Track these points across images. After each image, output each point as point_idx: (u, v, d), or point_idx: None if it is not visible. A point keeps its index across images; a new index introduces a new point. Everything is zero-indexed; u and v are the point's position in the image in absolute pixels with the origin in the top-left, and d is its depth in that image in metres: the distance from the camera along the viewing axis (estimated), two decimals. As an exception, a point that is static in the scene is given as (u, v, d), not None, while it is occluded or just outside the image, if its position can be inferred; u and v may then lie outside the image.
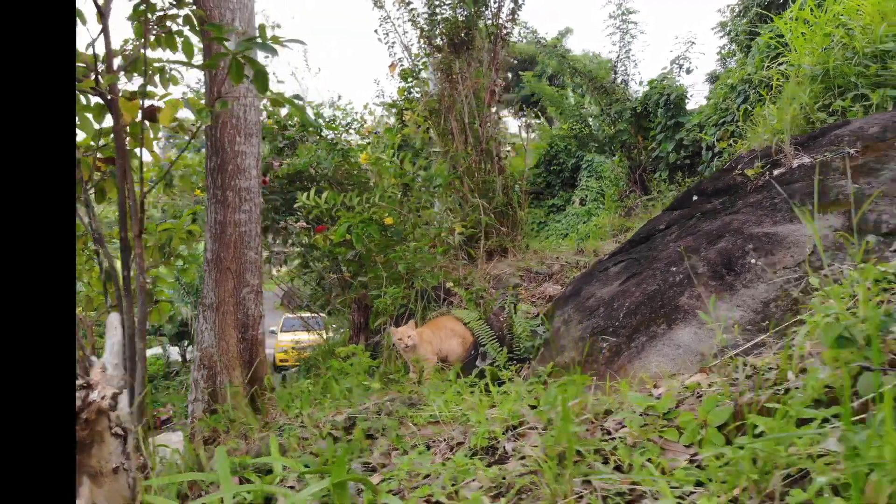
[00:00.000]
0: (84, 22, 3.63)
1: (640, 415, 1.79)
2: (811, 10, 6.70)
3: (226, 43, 2.42)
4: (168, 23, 3.46)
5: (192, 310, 17.09)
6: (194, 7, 3.17)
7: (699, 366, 2.34)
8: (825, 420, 1.50)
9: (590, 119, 11.82)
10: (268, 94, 2.54)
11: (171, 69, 5.90)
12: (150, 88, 3.82)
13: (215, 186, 3.07)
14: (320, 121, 6.93)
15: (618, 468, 1.68)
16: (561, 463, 1.76)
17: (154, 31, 3.50)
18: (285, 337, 19.02)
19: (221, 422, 2.87)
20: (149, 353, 17.98)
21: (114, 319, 1.31)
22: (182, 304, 18.01)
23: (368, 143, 7.73)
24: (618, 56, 11.37)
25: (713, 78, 14.50)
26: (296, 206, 5.19)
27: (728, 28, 15.04)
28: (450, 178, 5.64)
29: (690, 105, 10.82)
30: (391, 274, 4.87)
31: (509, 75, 22.10)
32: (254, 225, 3.19)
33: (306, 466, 2.27)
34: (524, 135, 7.69)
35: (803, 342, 1.96)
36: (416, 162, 5.96)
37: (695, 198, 3.42)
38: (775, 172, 3.18)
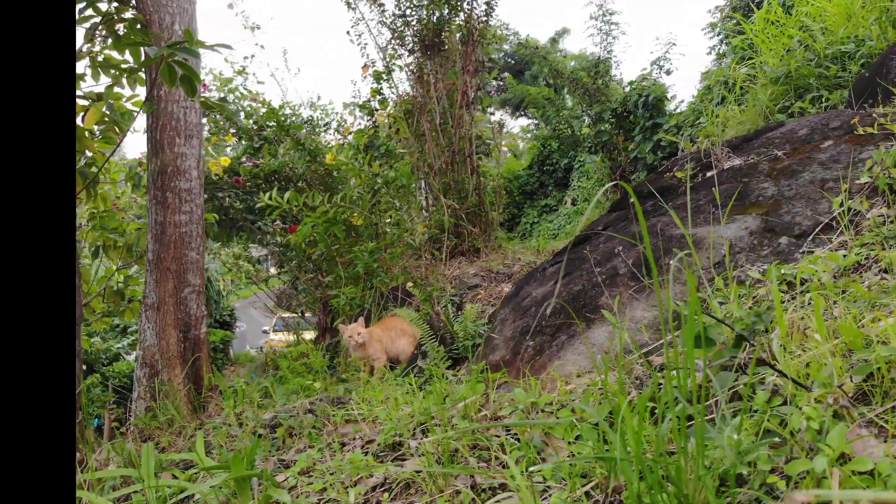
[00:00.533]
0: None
1: (526, 412, 1.85)
2: (776, 12, 6.77)
3: (154, 45, 2.47)
4: (116, 26, 3.51)
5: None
6: (135, 11, 3.22)
7: (611, 364, 2.40)
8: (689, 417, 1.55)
9: (573, 121, 11.88)
10: (197, 98, 2.58)
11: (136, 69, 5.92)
12: (116, 89, 3.88)
13: (155, 188, 3.11)
14: (295, 120, 6.97)
15: (503, 465, 1.73)
16: (452, 460, 1.82)
17: (100, 35, 3.55)
18: (277, 337, 19.12)
19: (157, 419, 2.93)
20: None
21: None
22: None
23: (339, 144, 7.79)
24: (599, 57, 11.40)
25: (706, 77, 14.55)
26: (257, 205, 5.24)
27: (718, 29, 15.12)
28: (414, 179, 5.69)
29: (673, 105, 10.87)
30: (350, 274, 4.92)
31: (506, 75, 22.14)
32: (195, 226, 3.23)
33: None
34: (498, 134, 7.71)
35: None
36: (390, 165, 6.01)
37: (631, 200, 3.47)
38: (707, 174, 3.23)
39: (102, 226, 5.73)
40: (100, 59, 5.81)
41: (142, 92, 6.55)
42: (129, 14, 3.26)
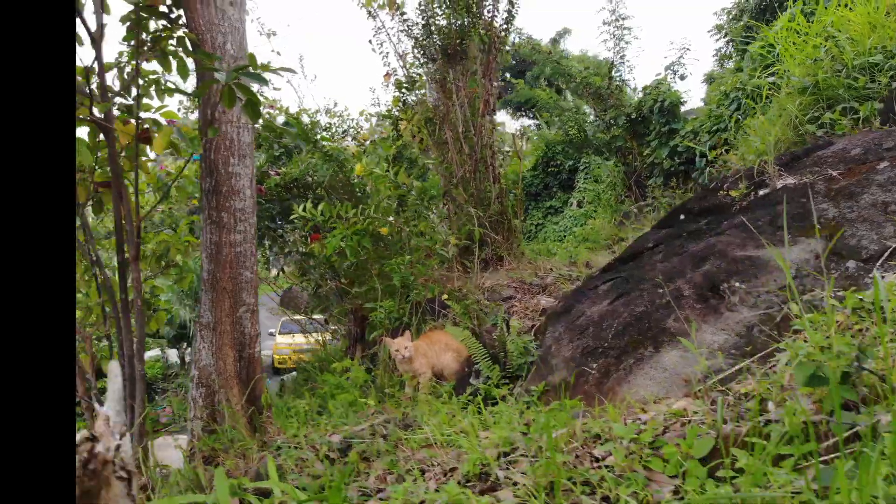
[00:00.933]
0: (80, 44, 3.68)
1: (627, 444, 1.86)
2: (798, 21, 6.79)
3: (217, 67, 2.48)
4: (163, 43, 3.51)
5: (189, 312, 17.15)
6: (186, 30, 3.22)
7: (684, 390, 2.41)
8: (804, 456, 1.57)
9: (585, 125, 11.90)
10: (261, 121, 2.59)
11: (165, 81, 5.95)
12: (145, 101, 3.88)
13: (210, 207, 3.12)
14: (317, 129, 6.98)
15: (605, 499, 1.74)
16: (550, 493, 1.83)
17: (147, 54, 3.55)
18: (283, 339, 19.11)
19: (220, 441, 2.93)
20: (148, 355, 18.05)
21: (114, 367, 1.36)
22: (181, 307, 18.06)
23: (364, 152, 7.80)
24: (612, 62, 11.43)
25: (711, 79, 14.57)
26: (291, 217, 5.25)
27: (724, 31, 15.15)
28: (443, 190, 5.71)
29: (687, 107, 10.88)
30: (385, 286, 4.93)
31: (507, 76, 22.15)
32: (248, 245, 3.24)
33: (303, 490, 2.33)
34: (518, 141, 7.73)
35: (783, 372, 2.02)
36: (410, 173, 6.02)
37: (681, 217, 3.49)
38: (760, 193, 3.24)
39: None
40: (128, 69, 5.81)
41: (170, 103, 6.54)
42: (180, 33, 3.26)
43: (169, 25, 3.36)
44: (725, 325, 2.56)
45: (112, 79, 6.03)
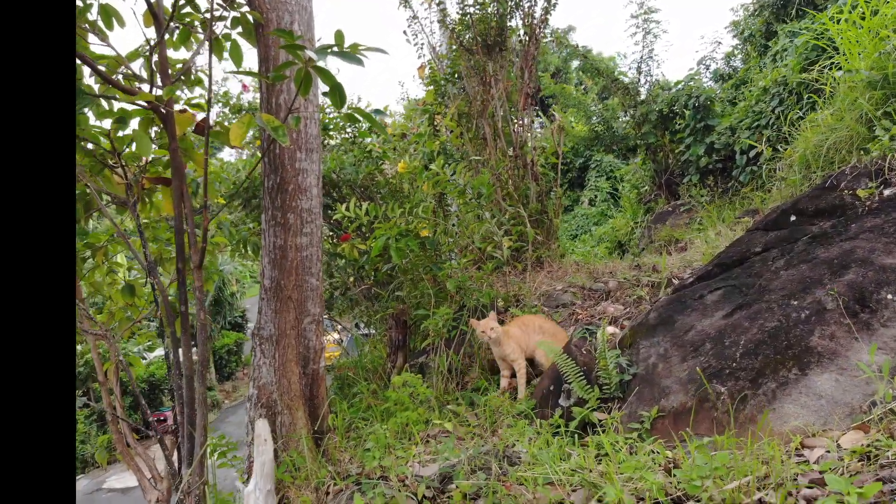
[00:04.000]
0: (122, 24, 3.33)
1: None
2: (858, 12, 6.43)
3: (300, 45, 2.12)
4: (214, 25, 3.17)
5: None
6: (247, 9, 2.87)
7: (849, 420, 2.07)
8: None
9: (612, 122, 11.54)
10: (346, 109, 2.25)
11: (196, 70, 5.56)
12: (177, 93, 3.53)
13: (274, 208, 2.77)
14: (353, 126, 6.62)
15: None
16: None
17: (200, 36, 3.21)
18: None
19: (287, 471, 2.59)
20: (155, 354, 17.66)
21: (262, 428, 1.02)
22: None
23: (394, 149, 7.45)
24: (641, 56, 11.06)
25: (719, 77, 14.16)
26: (334, 217, 4.90)
27: (741, 27, 14.76)
28: (493, 188, 5.36)
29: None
30: (437, 292, 4.59)
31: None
32: (315, 249, 2.89)
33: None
34: (557, 136, 7.39)
35: None
36: (453, 171, 5.68)
37: (793, 218, 3.14)
38: (886, 193, 2.90)
39: (156, 237, 5.42)
40: (154, 59, 5.48)
41: (198, 92, 6.13)
42: (244, 9, 2.91)
43: (226, 3, 3.01)
44: (882, 342, 2.21)
45: (139, 68, 5.65)
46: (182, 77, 3.00)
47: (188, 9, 3.14)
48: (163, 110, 2.37)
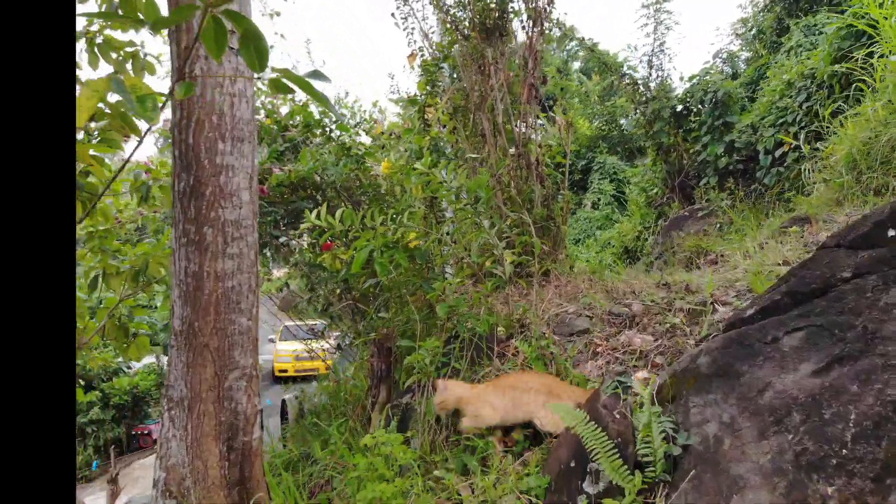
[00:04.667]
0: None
1: None
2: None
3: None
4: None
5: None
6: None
7: None
8: None
9: (620, 119, 10.76)
10: (269, 72, 1.46)
11: (145, 54, 4.73)
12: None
13: (186, 219, 1.97)
14: (328, 119, 5.84)
15: None
16: None
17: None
18: (285, 347, 17.93)
19: None
20: (142, 363, 16.90)
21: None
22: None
23: (382, 147, 6.67)
24: (652, 49, 10.29)
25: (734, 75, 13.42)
26: (303, 226, 4.12)
27: (749, 24, 14.02)
28: (492, 191, 4.56)
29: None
30: (426, 317, 3.80)
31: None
32: (246, 276, 2.09)
33: None
34: (565, 133, 6.61)
35: None
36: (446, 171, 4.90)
37: (892, 233, 2.35)
38: None
39: (102, 248, 4.64)
40: (98, 40, 4.69)
41: (153, 79, 5.21)
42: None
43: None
44: None
45: (79, 51, 4.78)
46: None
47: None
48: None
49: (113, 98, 1.95)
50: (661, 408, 2.35)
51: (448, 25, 6.04)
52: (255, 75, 1.96)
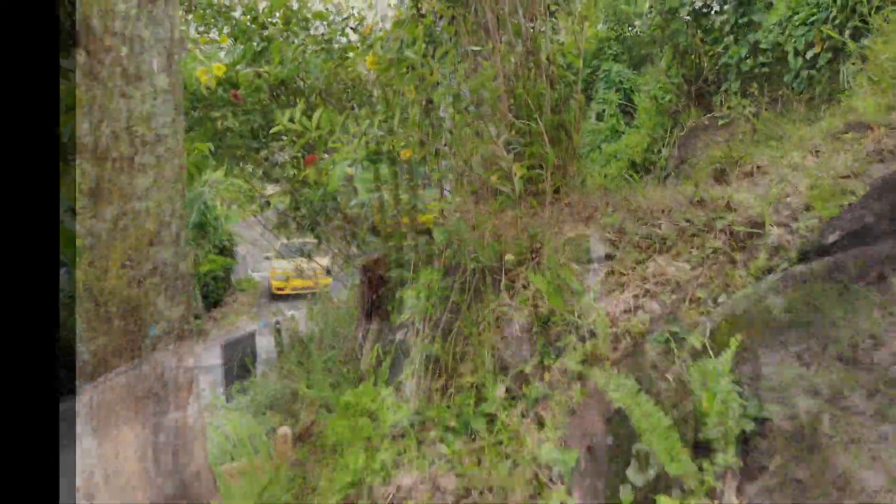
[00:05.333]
0: None
1: None
2: None
3: None
4: None
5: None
6: None
7: None
8: None
9: (636, 20, 9.80)
10: None
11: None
12: None
13: (80, 113, 1.34)
14: (305, 11, 5.07)
15: None
16: None
17: None
18: (282, 264, 17.60)
19: None
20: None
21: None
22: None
23: (369, 46, 5.90)
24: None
25: None
26: (273, 130, 3.50)
27: None
28: (498, 92, 3.89)
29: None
30: (421, 243, 3.25)
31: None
32: (166, 195, 1.46)
33: None
34: (578, 26, 5.82)
35: None
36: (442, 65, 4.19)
37: None
38: None
39: None
40: None
41: None
42: None
43: None
44: None
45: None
46: None
47: None
48: None
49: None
50: (727, 364, 1.83)
51: None
52: None
